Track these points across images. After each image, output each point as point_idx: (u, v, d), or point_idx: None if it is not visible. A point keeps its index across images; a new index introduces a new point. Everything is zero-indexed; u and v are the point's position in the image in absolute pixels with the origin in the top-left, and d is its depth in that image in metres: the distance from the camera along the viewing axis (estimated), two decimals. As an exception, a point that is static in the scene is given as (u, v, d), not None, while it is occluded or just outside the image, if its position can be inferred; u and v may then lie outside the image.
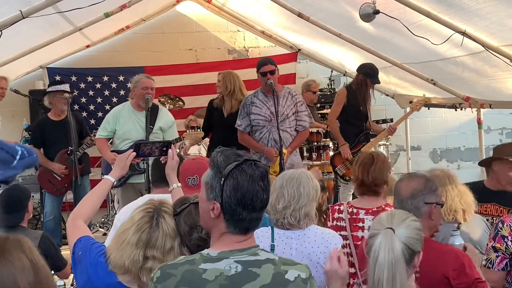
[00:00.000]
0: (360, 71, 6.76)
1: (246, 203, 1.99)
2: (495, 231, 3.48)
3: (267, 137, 5.87)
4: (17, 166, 1.46)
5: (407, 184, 2.89)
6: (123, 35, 8.80)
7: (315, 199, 3.26)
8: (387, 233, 2.23)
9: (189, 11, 9.13)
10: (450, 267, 2.71)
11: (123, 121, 6.07)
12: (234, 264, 1.98)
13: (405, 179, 2.96)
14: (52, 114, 6.75)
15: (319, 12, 6.47)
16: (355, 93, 6.72)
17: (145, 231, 2.46)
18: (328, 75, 9.11)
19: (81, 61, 8.75)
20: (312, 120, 6.30)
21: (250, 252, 2.02)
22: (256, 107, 5.90)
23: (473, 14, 4.41)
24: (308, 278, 2.07)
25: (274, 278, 1.99)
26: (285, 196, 3.17)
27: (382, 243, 2.20)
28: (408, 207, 2.79)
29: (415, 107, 7.07)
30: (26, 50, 6.89)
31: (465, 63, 5.62)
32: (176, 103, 7.81)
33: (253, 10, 8.41)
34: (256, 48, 9.48)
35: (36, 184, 7.47)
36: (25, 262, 1.86)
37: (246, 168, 2.00)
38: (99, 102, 8.59)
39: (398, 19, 4.95)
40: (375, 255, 2.20)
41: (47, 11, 4.94)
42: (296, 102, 5.94)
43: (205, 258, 2.00)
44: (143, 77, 6.10)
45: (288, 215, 3.16)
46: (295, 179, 3.22)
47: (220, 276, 1.95)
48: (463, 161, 9.99)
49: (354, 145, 6.75)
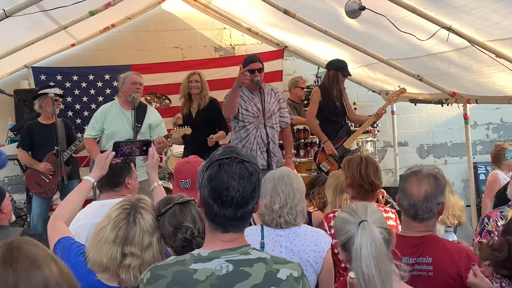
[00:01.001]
0: (330, 67, 6.89)
1: (216, 195, 1.96)
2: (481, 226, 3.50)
3: (254, 133, 5.85)
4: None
5: (418, 187, 2.80)
6: (108, 34, 8.73)
7: (304, 194, 3.29)
8: (364, 226, 2.22)
9: (174, 9, 9.09)
10: (463, 266, 2.72)
11: (111, 120, 6.03)
12: (225, 263, 1.96)
13: (413, 180, 2.84)
14: (42, 118, 6.72)
15: (305, 9, 6.47)
16: (328, 90, 6.80)
17: (122, 228, 2.44)
18: (315, 72, 9.10)
19: (66, 60, 8.66)
20: (292, 116, 6.36)
21: (242, 251, 2.00)
22: (243, 102, 5.87)
23: (459, 9, 4.42)
24: (301, 277, 2.05)
25: (265, 277, 1.97)
26: (280, 195, 3.18)
27: (363, 237, 2.19)
28: (422, 210, 2.78)
29: (391, 98, 7.15)
30: (10, 49, 6.82)
31: (451, 59, 5.64)
32: (162, 101, 7.78)
33: (239, 7, 8.38)
34: (243, 45, 9.45)
35: (22, 184, 7.41)
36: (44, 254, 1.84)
37: (228, 162, 1.98)
38: (84, 101, 8.52)
39: (384, 15, 4.95)
40: (358, 252, 2.18)
41: (31, 10, 4.89)
42: (279, 98, 5.98)
43: (196, 258, 1.98)
44: (131, 73, 6.13)
45: (285, 214, 3.17)
46: (286, 177, 3.24)
47: (211, 276, 1.93)
48: (450, 156, 10.04)
49: (336, 140, 6.79)
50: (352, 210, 2.34)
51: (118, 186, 3.81)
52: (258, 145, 5.82)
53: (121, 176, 3.82)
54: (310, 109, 6.99)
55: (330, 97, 6.80)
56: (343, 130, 6.90)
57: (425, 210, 2.77)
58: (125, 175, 3.83)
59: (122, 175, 3.82)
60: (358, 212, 2.31)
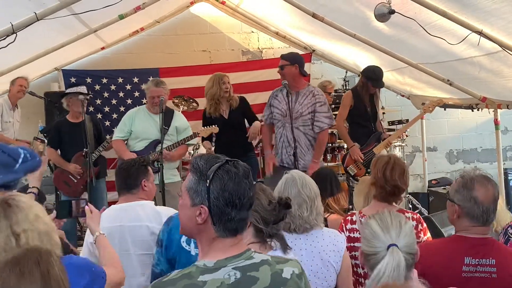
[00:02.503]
0: (363, 74, 6.82)
1: (235, 202, 1.96)
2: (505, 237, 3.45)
3: (281, 132, 6.01)
4: (19, 170, 1.43)
5: (486, 192, 2.77)
6: (137, 37, 8.82)
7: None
8: (393, 253, 2.21)
9: (203, 13, 9.13)
10: None
11: (139, 123, 6.24)
12: (232, 271, 1.95)
13: (479, 187, 2.79)
14: (70, 116, 6.79)
15: (333, 13, 6.44)
16: (361, 95, 6.72)
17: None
18: (343, 76, 9.06)
19: (96, 63, 8.78)
20: (333, 121, 6.26)
21: (245, 257, 2.00)
22: (277, 101, 6.07)
23: (490, 13, 4.35)
24: (302, 273, 2.10)
25: (272, 278, 1.99)
26: (306, 200, 3.17)
27: (389, 264, 2.18)
28: (493, 213, 2.78)
29: (427, 108, 7.03)
30: (41, 52, 6.92)
31: (481, 63, 5.56)
32: (190, 104, 7.81)
33: (267, 11, 8.39)
34: (270, 49, 9.45)
35: (51, 185, 7.50)
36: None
37: (230, 168, 1.98)
38: (113, 104, 8.61)
39: (413, 19, 4.90)
40: (380, 273, 2.18)
41: (62, 13, 4.94)
42: (315, 101, 5.95)
43: (202, 270, 1.95)
44: (151, 86, 6.21)
45: (313, 219, 3.17)
46: (305, 181, 3.23)
47: (221, 286, 1.92)
48: (480, 162, 9.89)
49: (366, 145, 6.71)
50: (385, 226, 2.31)
51: (135, 188, 3.84)
52: (283, 143, 5.99)
53: (138, 178, 3.84)
54: (340, 112, 6.95)
55: (362, 102, 6.73)
56: (374, 136, 6.80)
57: (493, 212, 2.79)
58: (142, 177, 3.85)
59: (139, 177, 3.85)
60: (390, 230, 2.28)
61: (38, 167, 1.50)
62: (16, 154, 1.43)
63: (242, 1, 8.43)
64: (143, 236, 3.69)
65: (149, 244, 3.64)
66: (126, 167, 3.89)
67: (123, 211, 3.78)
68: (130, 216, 3.74)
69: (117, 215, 3.72)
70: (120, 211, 3.78)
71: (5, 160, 1.41)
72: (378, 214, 2.40)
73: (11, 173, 1.41)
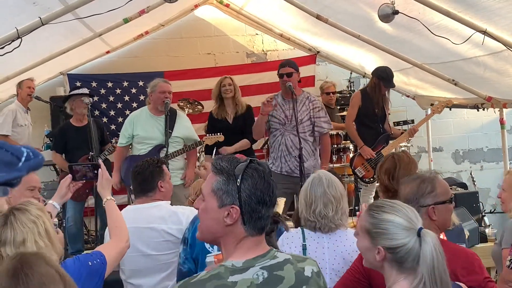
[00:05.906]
0: (374, 74, 6.74)
1: (265, 199, 1.96)
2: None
3: (279, 140, 5.91)
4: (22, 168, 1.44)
5: (403, 189, 2.89)
6: (142, 41, 8.84)
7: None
8: (427, 235, 2.17)
9: (207, 16, 9.15)
10: (459, 265, 2.71)
11: (141, 126, 6.15)
12: (260, 271, 1.94)
13: (403, 183, 2.94)
14: (74, 120, 6.79)
15: (337, 14, 6.44)
16: (370, 95, 6.68)
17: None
18: (348, 77, 9.06)
19: (101, 67, 8.81)
20: (331, 126, 6.26)
21: (270, 256, 2.00)
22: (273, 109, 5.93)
23: (494, 13, 4.35)
24: (319, 272, 2.10)
25: (296, 277, 1.99)
26: (332, 200, 3.21)
27: (430, 245, 2.14)
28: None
29: (436, 109, 6.99)
30: (46, 57, 6.94)
31: (486, 63, 5.55)
32: (195, 107, 7.82)
33: (271, 13, 8.39)
34: (275, 51, 9.46)
35: (57, 189, 7.51)
36: (54, 274, 1.89)
37: (257, 166, 1.99)
38: (119, 108, 8.63)
39: (417, 19, 4.91)
40: (428, 260, 2.12)
41: (66, 18, 4.96)
42: (313, 107, 5.94)
43: (232, 270, 1.93)
44: (160, 81, 6.17)
45: (337, 218, 3.21)
46: (331, 181, 3.25)
47: (251, 286, 1.91)
48: (486, 162, 9.86)
49: (374, 147, 6.69)
50: (404, 214, 2.25)
51: (151, 191, 3.82)
52: (282, 151, 5.89)
53: (154, 180, 3.82)
54: (349, 113, 6.93)
55: (370, 103, 6.67)
56: (382, 137, 6.75)
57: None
58: (157, 179, 3.82)
59: (154, 179, 3.82)
60: (411, 217, 2.25)
61: (41, 165, 1.51)
62: (19, 152, 1.44)
63: (246, 4, 8.44)
64: (158, 237, 3.70)
65: (164, 245, 3.67)
66: (140, 170, 3.85)
67: (138, 212, 3.78)
68: (146, 218, 3.74)
69: (133, 216, 3.71)
70: (135, 212, 3.79)
71: (8, 159, 1.42)
72: (383, 207, 2.32)
73: (14, 171, 1.42)
